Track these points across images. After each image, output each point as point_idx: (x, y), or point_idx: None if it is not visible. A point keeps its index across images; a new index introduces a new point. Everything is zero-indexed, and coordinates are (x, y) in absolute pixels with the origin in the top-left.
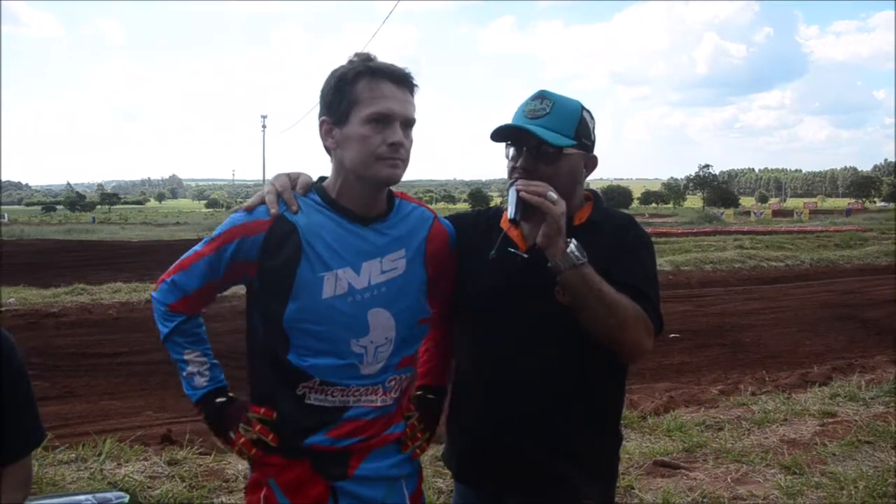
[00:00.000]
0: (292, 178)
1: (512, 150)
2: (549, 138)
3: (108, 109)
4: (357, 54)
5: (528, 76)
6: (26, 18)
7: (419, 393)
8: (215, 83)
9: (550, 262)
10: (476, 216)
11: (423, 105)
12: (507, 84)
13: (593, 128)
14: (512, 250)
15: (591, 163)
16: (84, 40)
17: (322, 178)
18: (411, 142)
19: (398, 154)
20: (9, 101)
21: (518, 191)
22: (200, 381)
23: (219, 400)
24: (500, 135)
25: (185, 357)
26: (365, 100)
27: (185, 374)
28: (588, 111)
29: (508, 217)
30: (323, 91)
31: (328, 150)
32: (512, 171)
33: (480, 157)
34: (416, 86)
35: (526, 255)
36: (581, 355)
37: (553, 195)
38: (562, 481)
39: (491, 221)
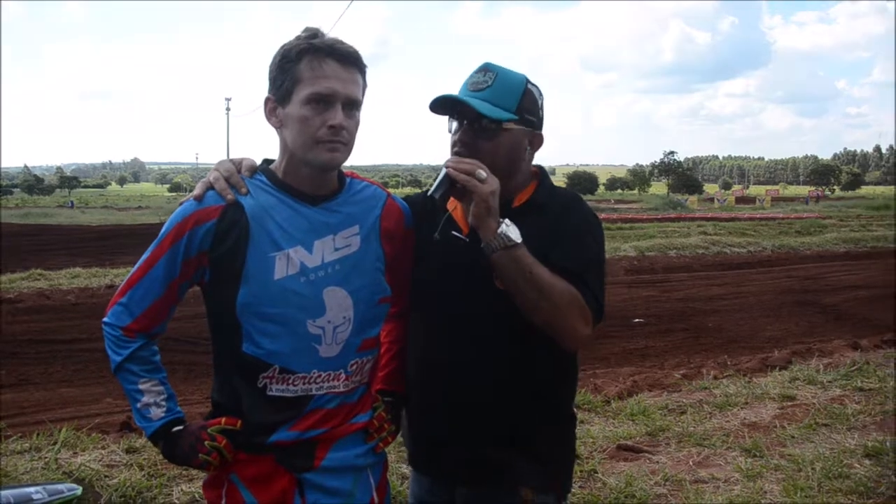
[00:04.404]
0: (236, 163)
1: (454, 124)
2: (487, 111)
3: (68, 90)
4: (307, 29)
5: (498, 58)
6: None
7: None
8: (179, 64)
9: (483, 243)
10: (424, 198)
11: (390, 87)
12: (475, 65)
13: (541, 104)
14: (455, 233)
15: (537, 140)
16: (45, 19)
17: (267, 161)
18: (356, 123)
19: (339, 137)
20: None
21: (447, 167)
22: (157, 412)
23: (176, 429)
24: (438, 106)
25: (141, 387)
26: (306, 79)
27: (139, 405)
28: (535, 86)
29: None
30: (270, 68)
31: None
32: (453, 145)
33: (447, 140)
34: (364, 65)
35: (467, 239)
36: (524, 339)
37: (482, 173)
38: (503, 467)
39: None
